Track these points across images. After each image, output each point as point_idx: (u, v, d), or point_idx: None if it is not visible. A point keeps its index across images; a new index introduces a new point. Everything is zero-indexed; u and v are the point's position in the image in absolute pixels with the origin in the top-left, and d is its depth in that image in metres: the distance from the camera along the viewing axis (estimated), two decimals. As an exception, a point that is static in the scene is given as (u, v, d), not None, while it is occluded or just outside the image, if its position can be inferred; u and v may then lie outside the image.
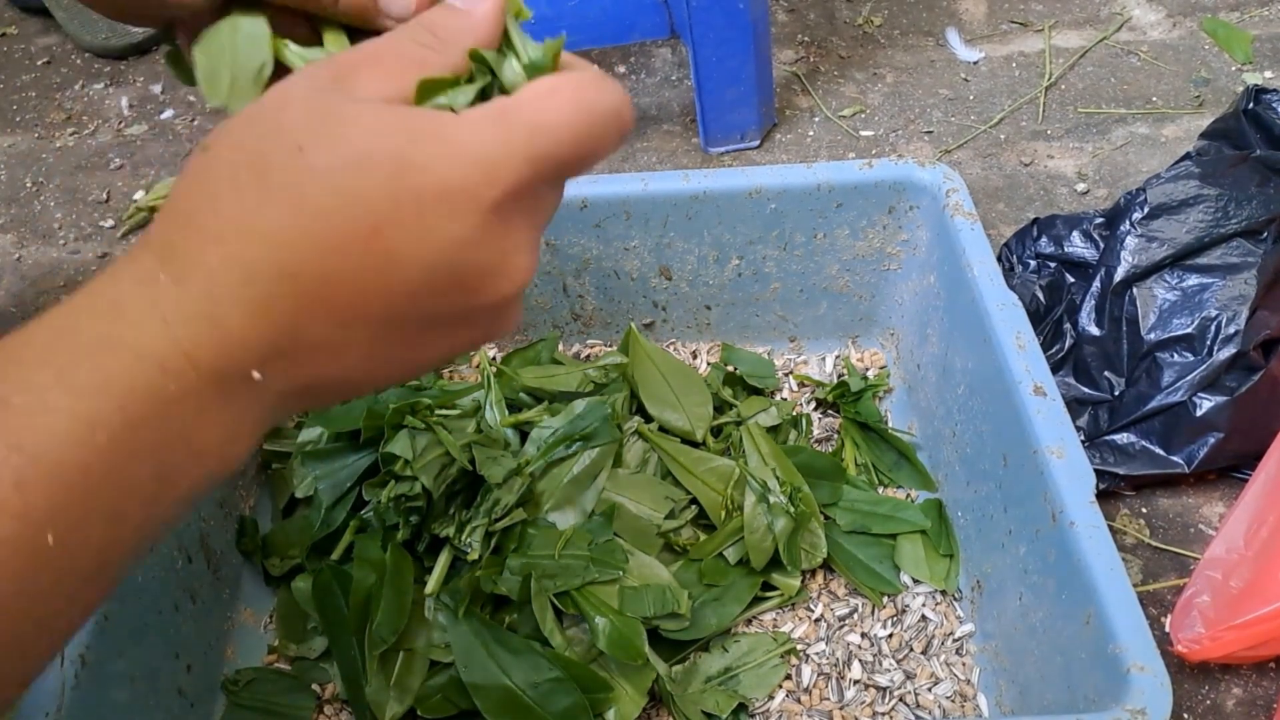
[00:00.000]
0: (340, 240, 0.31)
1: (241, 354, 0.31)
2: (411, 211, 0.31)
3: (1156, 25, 1.15)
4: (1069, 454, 0.56)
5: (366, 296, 0.32)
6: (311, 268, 0.31)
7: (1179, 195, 0.74)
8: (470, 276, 0.33)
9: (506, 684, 0.57)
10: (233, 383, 0.31)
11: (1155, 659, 0.48)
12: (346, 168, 0.31)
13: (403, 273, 0.32)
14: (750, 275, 0.76)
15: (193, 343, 0.30)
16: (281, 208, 0.31)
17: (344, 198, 0.31)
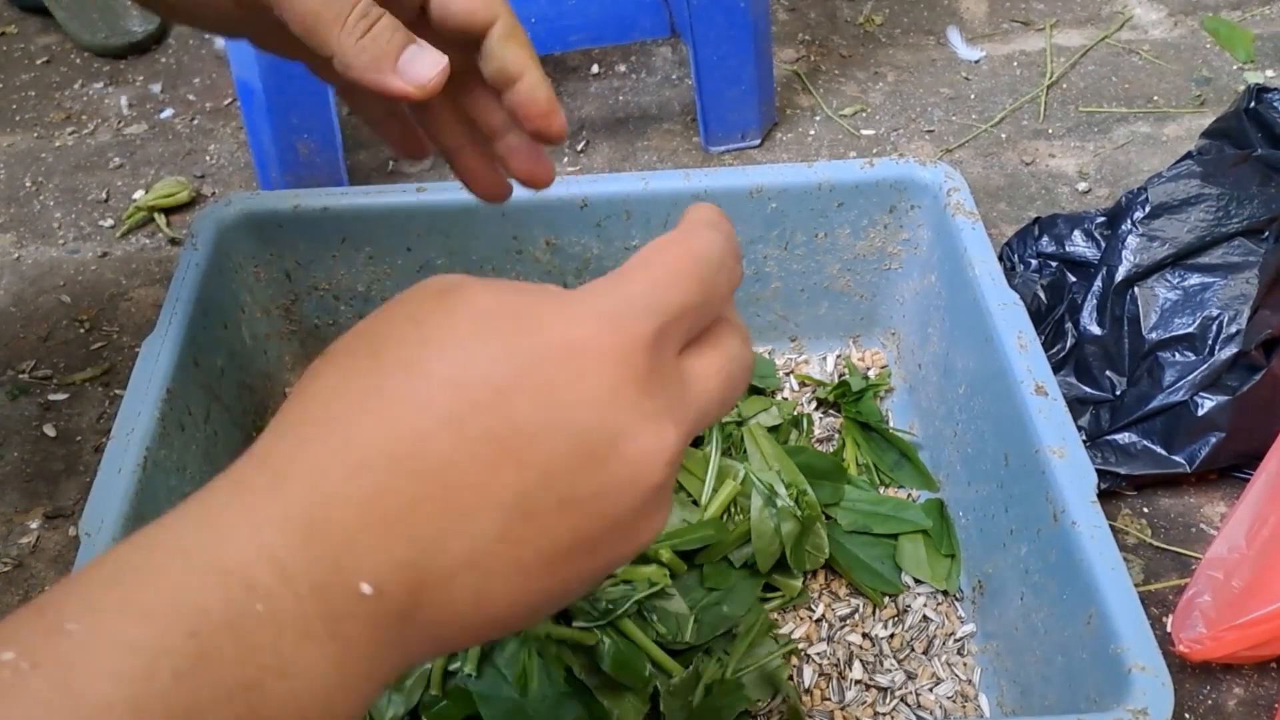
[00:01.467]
0: (464, 407, 0.28)
1: (349, 558, 0.26)
2: (535, 372, 0.29)
3: (1158, 24, 1.15)
4: (1070, 454, 0.56)
5: (494, 473, 0.28)
6: (430, 446, 0.28)
7: (1180, 194, 0.74)
8: (601, 443, 0.30)
9: (513, 696, 0.57)
10: (339, 602, 0.26)
11: (1157, 659, 0.48)
12: (465, 331, 0.29)
13: (529, 441, 0.29)
14: (751, 275, 0.76)
15: (288, 550, 0.26)
16: (397, 382, 0.28)
17: (463, 364, 0.29)
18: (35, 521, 0.75)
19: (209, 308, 0.67)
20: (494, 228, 0.73)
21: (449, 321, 0.30)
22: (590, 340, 0.30)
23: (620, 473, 0.30)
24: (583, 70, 1.12)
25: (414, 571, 0.27)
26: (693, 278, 0.32)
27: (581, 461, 0.30)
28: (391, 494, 0.27)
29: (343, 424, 0.28)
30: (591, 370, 0.30)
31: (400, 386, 0.28)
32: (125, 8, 1.18)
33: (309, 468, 0.27)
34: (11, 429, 0.81)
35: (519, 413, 0.29)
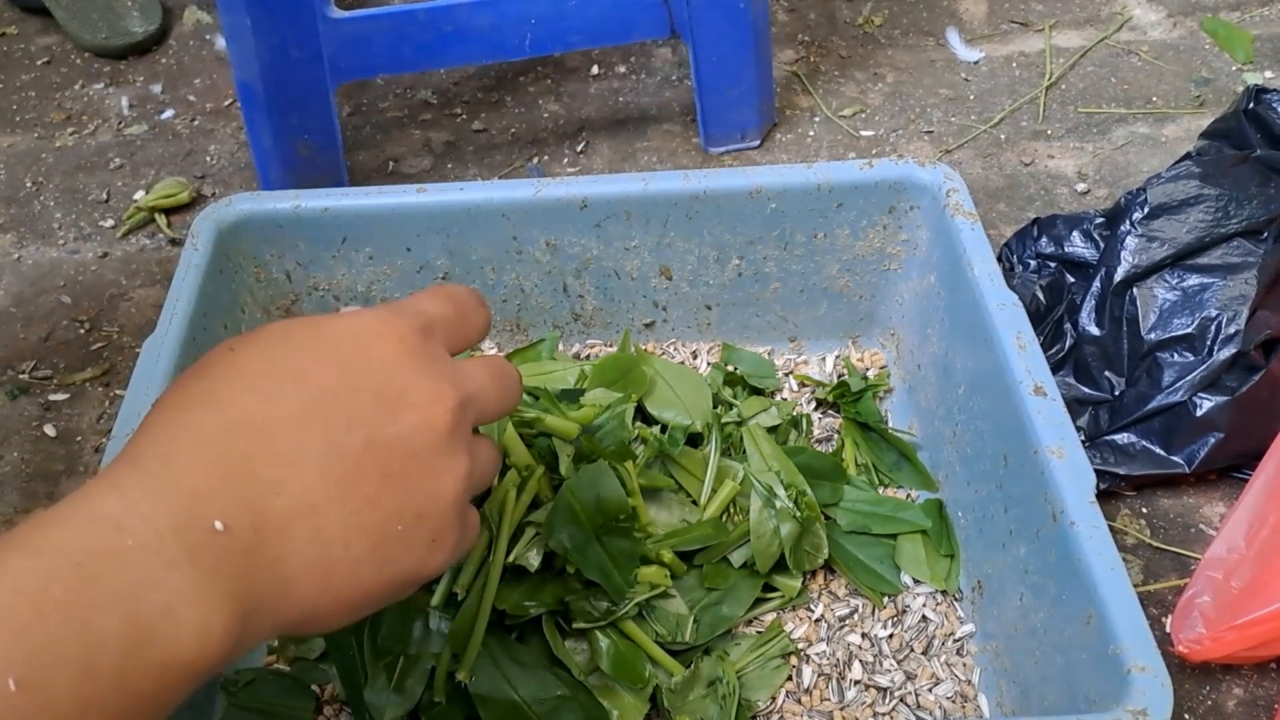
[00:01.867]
0: (274, 387, 0.37)
1: (199, 505, 0.34)
2: (329, 352, 0.39)
3: (1157, 25, 1.15)
4: (1069, 454, 0.56)
5: (305, 427, 0.37)
6: (255, 416, 0.36)
7: (1179, 195, 0.74)
8: (391, 395, 0.39)
9: (513, 698, 0.57)
10: (195, 537, 0.33)
11: (1156, 659, 0.48)
12: (271, 341, 0.39)
13: (331, 400, 0.38)
14: (751, 275, 0.76)
15: (149, 502, 0.33)
16: (221, 381, 0.38)
17: (272, 358, 0.38)
18: (35, 522, 0.75)
19: (209, 308, 0.67)
20: (494, 228, 0.73)
21: (257, 340, 0.39)
22: (370, 327, 0.40)
23: (412, 417, 0.39)
24: (583, 71, 1.13)
25: (256, 511, 0.35)
26: (445, 298, 0.45)
27: (377, 410, 0.38)
28: (228, 455, 0.35)
29: (184, 419, 0.36)
30: (375, 346, 0.40)
31: (224, 386, 0.37)
32: (126, 8, 1.18)
33: (161, 451, 0.35)
34: (11, 429, 0.81)
35: (320, 381, 0.38)
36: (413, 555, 0.39)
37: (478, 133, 1.06)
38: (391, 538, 0.38)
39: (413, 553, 0.39)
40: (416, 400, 0.39)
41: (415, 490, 0.39)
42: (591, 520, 0.61)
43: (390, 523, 0.38)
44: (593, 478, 0.62)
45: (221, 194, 1.01)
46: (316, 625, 0.38)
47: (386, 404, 0.39)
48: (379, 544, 0.38)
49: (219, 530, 0.34)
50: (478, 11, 0.91)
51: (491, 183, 0.74)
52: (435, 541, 0.40)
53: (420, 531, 0.39)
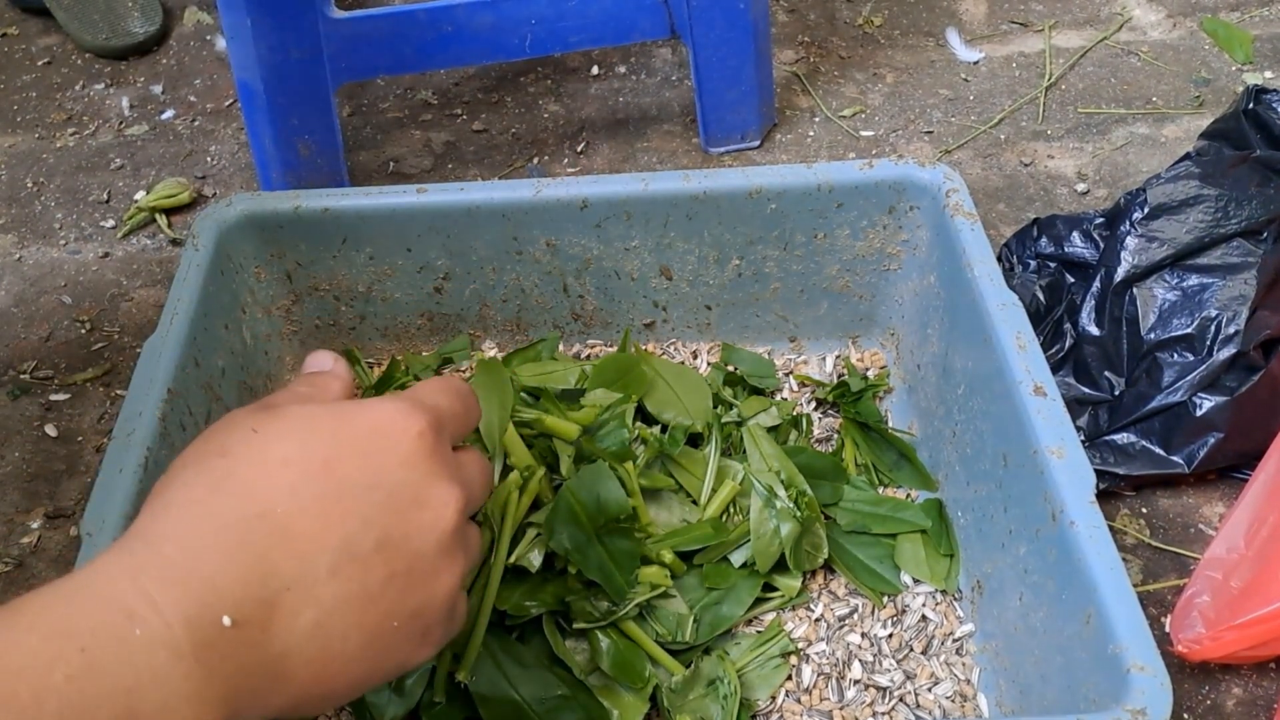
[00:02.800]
0: (298, 478, 0.37)
1: (213, 597, 0.34)
2: (352, 446, 0.39)
3: (1157, 25, 1.15)
4: (1069, 454, 0.56)
5: (325, 523, 0.37)
6: (278, 508, 0.36)
7: (1179, 195, 0.74)
8: (406, 496, 0.40)
9: (514, 697, 0.57)
10: (204, 631, 0.33)
11: (1155, 659, 0.48)
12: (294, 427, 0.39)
13: (352, 498, 0.38)
14: (751, 275, 0.77)
15: (161, 592, 0.33)
16: (247, 466, 0.37)
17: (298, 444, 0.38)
18: (36, 521, 0.75)
19: (210, 308, 0.68)
20: (494, 229, 0.73)
21: (280, 424, 0.39)
22: (391, 422, 0.41)
23: (423, 518, 0.40)
24: (583, 71, 1.13)
25: (265, 606, 0.35)
26: (454, 394, 0.46)
27: (393, 510, 0.39)
28: (248, 548, 0.35)
29: (205, 503, 0.36)
30: (396, 441, 0.40)
31: (247, 470, 0.37)
32: (126, 9, 1.18)
33: (179, 534, 0.35)
34: (13, 429, 0.81)
35: (342, 477, 0.38)
36: (404, 650, 0.40)
37: (478, 133, 1.06)
38: (387, 633, 0.39)
39: (404, 646, 0.40)
40: (429, 502, 0.40)
41: (416, 589, 0.40)
42: (592, 521, 0.61)
43: (388, 620, 0.39)
44: (593, 478, 0.62)
45: (222, 194, 1.01)
46: (303, 712, 0.38)
47: (401, 504, 0.39)
48: (374, 640, 0.39)
49: (227, 626, 0.34)
50: (478, 12, 0.91)
51: (492, 183, 0.74)
52: (425, 636, 0.41)
53: (414, 627, 0.40)
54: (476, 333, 0.80)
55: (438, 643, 0.42)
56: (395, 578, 0.39)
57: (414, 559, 0.39)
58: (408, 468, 0.40)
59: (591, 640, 0.60)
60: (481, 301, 0.78)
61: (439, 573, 0.41)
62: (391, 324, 0.79)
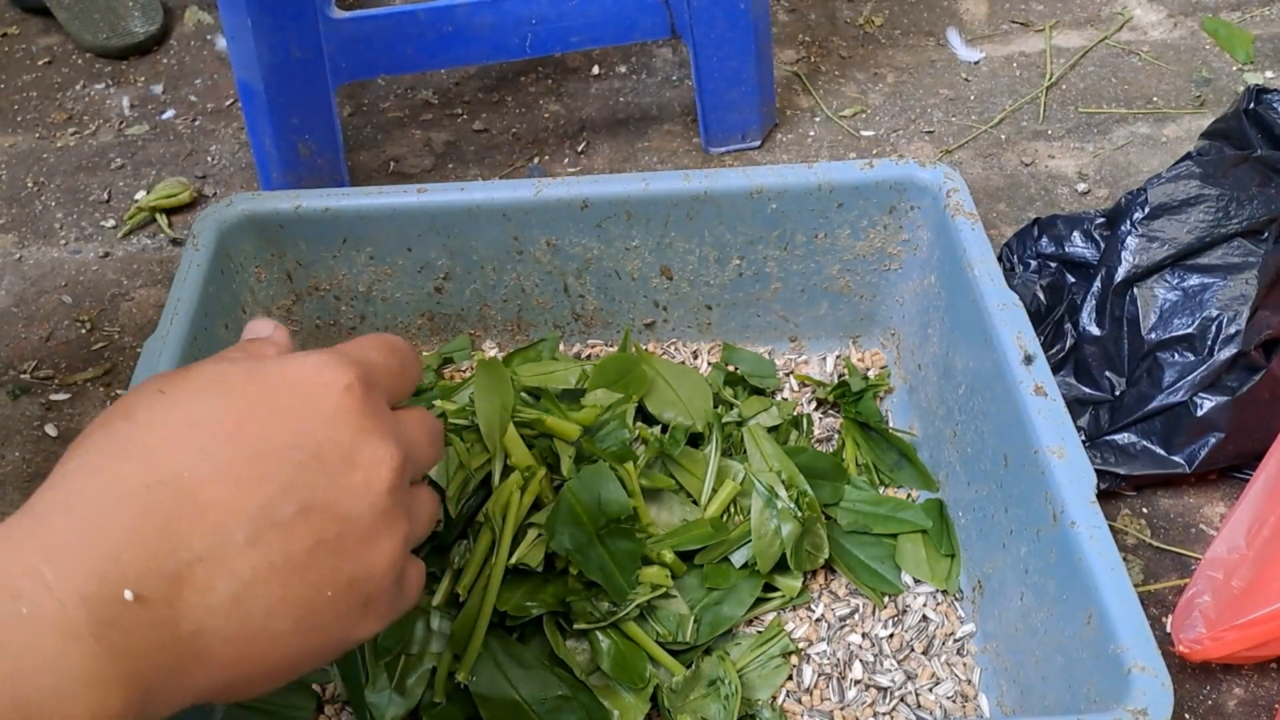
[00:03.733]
0: (207, 441, 0.34)
1: (113, 570, 0.30)
2: (268, 402, 0.36)
3: (1157, 25, 1.15)
4: (1070, 454, 0.56)
5: (239, 489, 0.34)
6: (185, 473, 0.33)
7: (1180, 195, 0.74)
8: (333, 454, 0.36)
9: (514, 698, 0.57)
10: (103, 609, 0.30)
11: (1156, 659, 0.48)
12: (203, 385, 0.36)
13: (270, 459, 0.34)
14: (751, 275, 0.77)
15: (51, 566, 0.30)
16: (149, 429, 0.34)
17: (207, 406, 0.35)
18: (37, 521, 0.75)
19: (210, 308, 0.67)
20: (495, 228, 0.73)
21: (189, 384, 0.36)
22: (314, 376, 0.37)
23: (353, 478, 0.36)
24: (583, 71, 1.13)
25: (173, 581, 0.32)
26: (389, 349, 0.42)
27: (318, 472, 0.35)
28: (151, 516, 0.32)
29: (104, 470, 0.33)
30: (319, 397, 0.36)
31: (151, 434, 0.34)
32: (127, 9, 1.18)
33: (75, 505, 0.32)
34: (13, 429, 0.81)
35: (259, 438, 0.35)
36: (342, 622, 0.37)
37: (478, 133, 1.06)
38: (320, 606, 0.36)
39: (342, 620, 0.37)
40: (360, 461, 0.36)
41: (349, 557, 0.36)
42: (593, 521, 0.61)
43: (318, 592, 0.35)
44: (594, 479, 0.62)
45: (222, 194, 1.01)
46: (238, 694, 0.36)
47: (327, 465, 0.36)
48: (305, 614, 0.35)
49: (129, 601, 0.30)
50: (478, 12, 0.91)
51: (492, 183, 0.74)
52: (367, 608, 0.38)
53: (351, 598, 0.37)
54: (477, 332, 0.80)
55: (383, 616, 0.39)
56: (323, 545, 0.35)
57: (344, 524, 0.36)
58: (334, 425, 0.36)
59: (592, 641, 0.60)
60: (482, 301, 0.78)
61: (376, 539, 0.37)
62: (392, 324, 0.79)
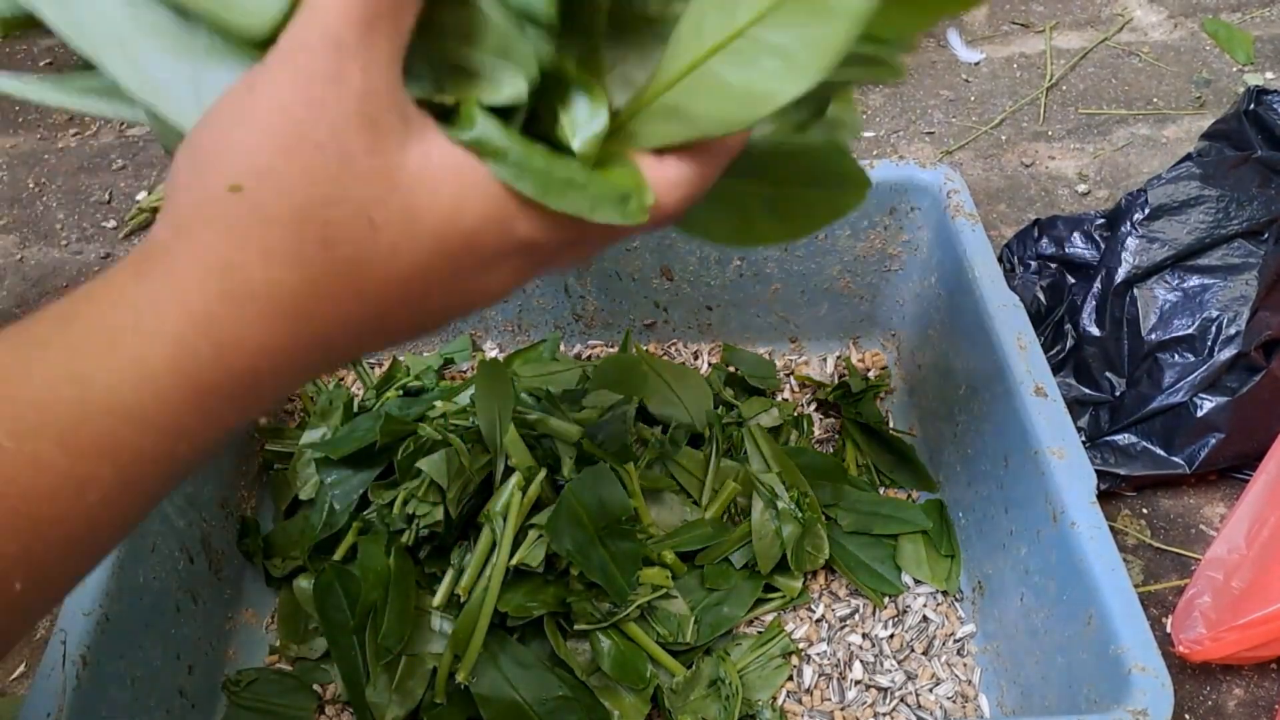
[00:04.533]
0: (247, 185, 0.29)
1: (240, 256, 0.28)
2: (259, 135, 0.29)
3: (1158, 26, 1.15)
4: (1070, 455, 0.56)
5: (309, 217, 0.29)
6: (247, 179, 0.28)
7: (1180, 196, 0.74)
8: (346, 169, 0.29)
9: (515, 698, 0.57)
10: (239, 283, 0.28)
11: (1156, 660, 0.48)
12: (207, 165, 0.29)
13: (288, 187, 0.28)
14: (751, 276, 0.77)
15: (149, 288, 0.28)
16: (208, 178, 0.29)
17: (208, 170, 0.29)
18: (37, 522, 0.75)
19: (211, 309, 0.67)
20: (495, 229, 0.73)
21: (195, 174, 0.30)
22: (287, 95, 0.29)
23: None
24: (584, 72, 1.13)
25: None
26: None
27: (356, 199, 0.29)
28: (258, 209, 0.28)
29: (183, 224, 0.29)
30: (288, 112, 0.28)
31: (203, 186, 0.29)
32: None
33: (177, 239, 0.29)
34: (14, 430, 0.81)
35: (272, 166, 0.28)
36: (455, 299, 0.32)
37: (479, 134, 1.06)
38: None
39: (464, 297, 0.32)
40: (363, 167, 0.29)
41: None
42: (594, 522, 0.61)
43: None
44: (595, 480, 0.62)
45: (223, 195, 1.01)
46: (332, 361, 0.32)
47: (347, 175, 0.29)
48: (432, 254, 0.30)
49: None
50: (479, 13, 0.91)
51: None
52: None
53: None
54: (477, 333, 0.80)
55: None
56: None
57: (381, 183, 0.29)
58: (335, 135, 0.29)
59: (593, 641, 0.60)
60: (482, 302, 0.78)
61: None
62: (392, 324, 0.79)
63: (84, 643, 0.50)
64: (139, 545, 0.56)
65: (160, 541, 0.58)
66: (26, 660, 0.68)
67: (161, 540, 0.59)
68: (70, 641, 0.50)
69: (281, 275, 0.29)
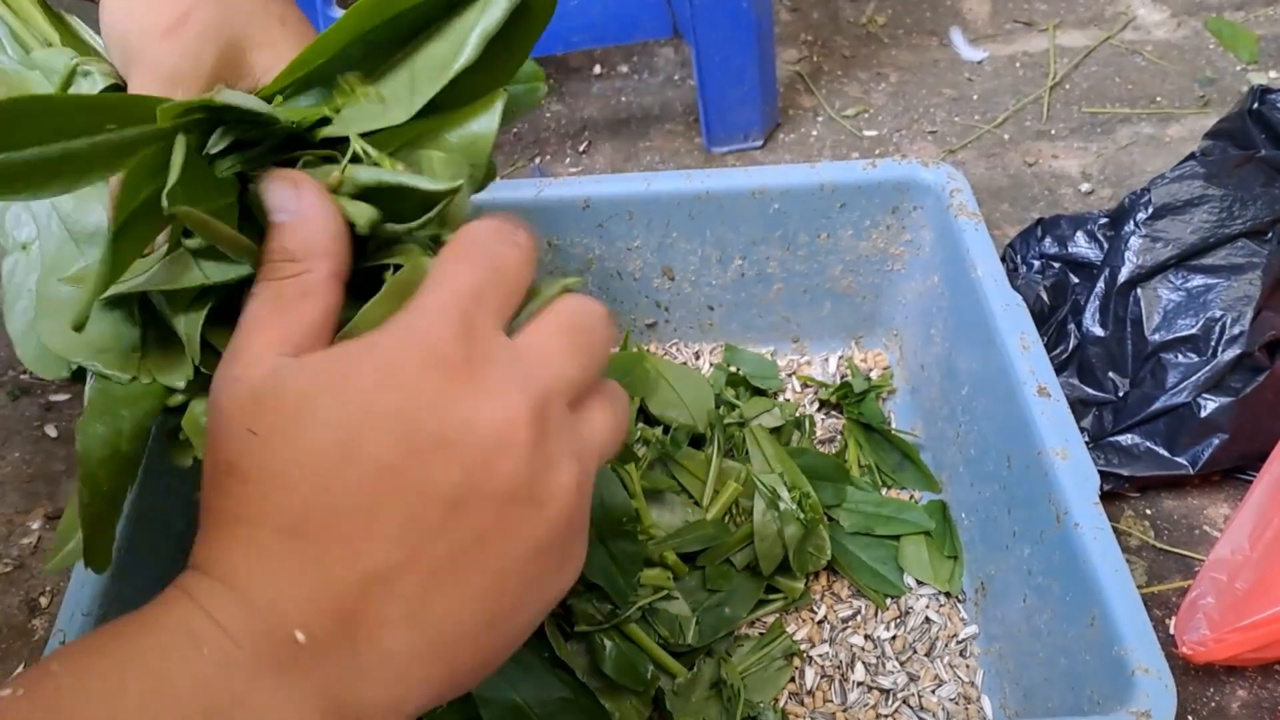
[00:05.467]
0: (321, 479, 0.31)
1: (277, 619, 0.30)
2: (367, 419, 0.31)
3: (1161, 25, 1.15)
4: (1073, 455, 0.56)
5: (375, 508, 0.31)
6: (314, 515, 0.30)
7: (1184, 195, 0.73)
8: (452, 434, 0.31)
9: (515, 700, 0.57)
10: (281, 650, 0.29)
11: (1160, 661, 0.48)
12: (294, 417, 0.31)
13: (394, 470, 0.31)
14: (753, 275, 0.76)
15: (221, 612, 0.30)
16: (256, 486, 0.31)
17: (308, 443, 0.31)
18: (36, 522, 0.75)
19: (211, 308, 0.67)
20: (496, 228, 0.73)
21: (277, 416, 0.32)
22: (395, 351, 0.32)
23: (482, 451, 0.31)
24: (585, 70, 1.12)
25: (339, 616, 0.30)
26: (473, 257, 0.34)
27: (446, 460, 0.31)
28: (293, 563, 0.30)
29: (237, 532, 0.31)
30: (409, 379, 0.31)
31: (264, 490, 0.31)
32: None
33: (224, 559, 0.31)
34: (13, 429, 0.81)
35: (371, 449, 0.31)
36: (541, 588, 0.34)
37: (480, 133, 1.06)
38: (507, 588, 0.33)
39: (538, 587, 0.34)
40: (481, 427, 0.31)
41: (524, 534, 0.32)
42: (595, 523, 0.60)
43: (499, 579, 0.32)
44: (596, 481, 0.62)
45: (224, 194, 1.01)
46: (458, 692, 0.33)
47: (451, 446, 0.31)
48: (494, 602, 0.32)
49: (303, 642, 0.29)
50: (480, 11, 0.91)
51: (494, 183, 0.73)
52: (565, 560, 0.35)
53: (541, 565, 0.33)
54: (478, 333, 0.80)
55: (582, 554, 0.36)
56: (486, 531, 0.31)
57: (498, 497, 0.32)
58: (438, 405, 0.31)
59: (594, 643, 0.60)
60: (483, 301, 0.77)
61: (541, 501, 0.32)
62: (393, 324, 0.79)
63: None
64: (138, 546, 0.56)
65: (160, 542, 0.58)
66: (25, 661, 0.68)
67: (161, 541, 0.58)
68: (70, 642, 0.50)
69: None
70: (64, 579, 0.71)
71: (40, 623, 0.70)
